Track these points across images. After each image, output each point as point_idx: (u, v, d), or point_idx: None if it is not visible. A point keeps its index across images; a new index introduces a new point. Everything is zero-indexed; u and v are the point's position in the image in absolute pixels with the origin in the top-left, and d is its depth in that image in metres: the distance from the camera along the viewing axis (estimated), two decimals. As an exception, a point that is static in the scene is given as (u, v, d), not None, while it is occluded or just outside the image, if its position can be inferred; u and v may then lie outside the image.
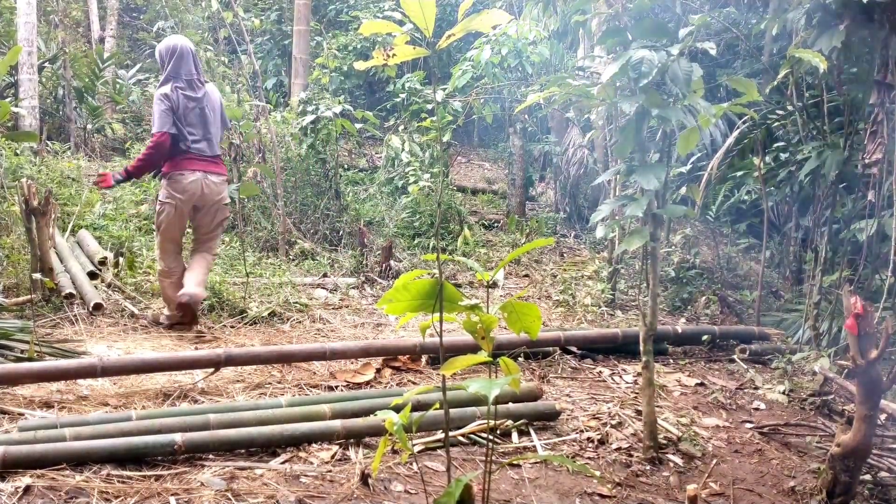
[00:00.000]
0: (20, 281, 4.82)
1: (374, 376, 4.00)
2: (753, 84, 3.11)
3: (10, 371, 3.30)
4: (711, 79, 7.93)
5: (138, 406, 3.38)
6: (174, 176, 4.52)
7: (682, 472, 3.23)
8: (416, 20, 2.04)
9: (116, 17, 13.08)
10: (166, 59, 4.51)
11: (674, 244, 6.63)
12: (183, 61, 4.50)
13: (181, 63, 4.50)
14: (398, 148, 8.37)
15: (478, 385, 1.99)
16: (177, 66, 4.49)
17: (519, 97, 8.23)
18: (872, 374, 2.79)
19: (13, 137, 7.02)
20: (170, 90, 4.44)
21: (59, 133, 9.83)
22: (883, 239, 4.70)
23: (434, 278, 2.19)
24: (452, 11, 10.91)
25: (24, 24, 8.52)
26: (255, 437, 2.97)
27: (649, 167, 3.08)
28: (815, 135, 5.26)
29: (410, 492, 2.79)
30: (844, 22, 4.27)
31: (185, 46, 4.53)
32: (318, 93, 7.70)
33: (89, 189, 7.02)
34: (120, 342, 4.28)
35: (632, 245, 3.12)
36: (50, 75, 10.10)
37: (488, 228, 8.81)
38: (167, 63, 4.50)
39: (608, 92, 3.14)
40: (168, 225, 4.60)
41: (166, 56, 4.51)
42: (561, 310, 5.85)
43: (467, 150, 13.05)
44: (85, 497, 2.48)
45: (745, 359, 4.78)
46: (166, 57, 4.51)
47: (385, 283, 6.21)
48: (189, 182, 4.52)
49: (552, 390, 4.01)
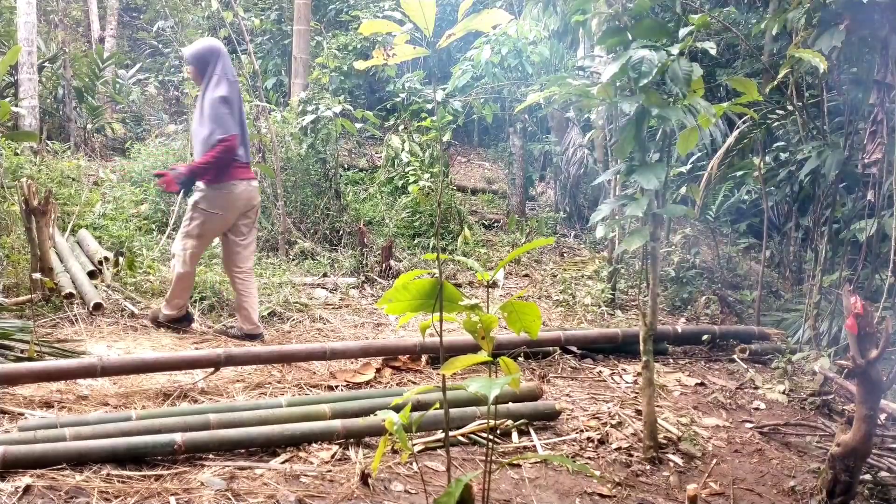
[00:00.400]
0: (20, 281, 4.82)
1: (374, 376, 4.00)
2: (753, 84, 3.11)
3: (10, 371, 3.30)
4: (711, 79, 7.94)
5: (138, 406, 3.38)
6: (226, 186, 4.35)
7: (682, 472, 3.23)
8: (416, 20, 2.04)
9: (116, 16, 13.09)
10: (211, 60, 4.34)
11: (674, 244, 6.63)
12: (228, 61, 4.40)
13: (228, 63, 4.38)
14: (398, 148, 8.37)
15: (478, 385, 1.99)
16: (224, 66, 4.35)
17: (519, 97, 8.22)
18: (872, 374, 2.79)
19: (13, 137, 7.02)
20: (227, 91, 4.29)
21: (59, 133, 9.84)
22: (883, 239, 4.70)
23: (434, 278, 2.19)
24: (452, 11, 10.91)
25: (24, 24, 8.53)
26: (255, 437, 2.97)
27: (649, 167, 3.08)
28: (815, 135, 5.26)
29: (410, 492, 2.79)
30: (844, 22, 4.27)
31: (223, 47, 4.44)
32: (318, 92, 7.70)
33: (89, 189, 7.02)
34: (120, 342, 4.28)
35: (632, 245, 3.12)
36: (50, 75, 10.11)
37: (488, 228, 8.81)
38: (215, 64, 4.33)
39: (608, 92, 3.14)
40: (210, 235, 4.49)
41: (211, 57, 4.34)
42: (561, 309, 5.85)
43: (467, 150, 13.05)
44: (85, 497, 2.48)
45: (745, 359, 4.78)
46: (211, 58, 4.34)
47: (385, 283, 6.21)
48: (239, 192, 4.39)
49: (552, 390, 4.01)
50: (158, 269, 5.65)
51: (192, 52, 4.39)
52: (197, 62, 4.36)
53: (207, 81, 4.34)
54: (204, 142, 4.30)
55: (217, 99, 4.28)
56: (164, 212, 6.99)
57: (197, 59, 4.37)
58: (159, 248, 6.19)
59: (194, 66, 4.38)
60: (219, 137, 4.25)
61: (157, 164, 7.43)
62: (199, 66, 4.36)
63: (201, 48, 4.39)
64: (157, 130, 9.50)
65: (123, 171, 8.10)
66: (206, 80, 4.34)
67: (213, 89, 4.31)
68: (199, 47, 4.40)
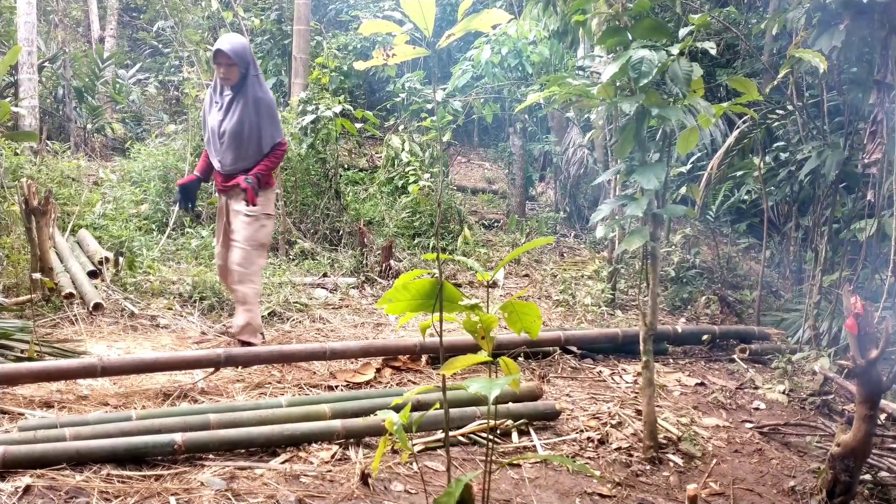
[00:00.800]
0: (20, 281, 4.82)
1: (374, 376, 4.00)
2: (753, 84, 3.11)
3: (10, 371, 3.30)
4: (711, 79, 7.94)
5: (138, 406, 3.38)
6: (274, 189, 4.30)
7: (682, 472, 3.23)
8: (415, 20, 2.04)
9: (116, 16, 13.09)
10: (251, 58, 4.06)
11: (674, 244, 6.63)
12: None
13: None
14: (398, 148, 8.37)
15: (478, 385, 1.99)
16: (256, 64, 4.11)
17: (519, 97, 8.23)
18: (872, 374, 2.79)
19: (13, 137, 7.03)
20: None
21: (59, 133, 9.84)
22: (883, 239, 4.69)
23: (434, 278, 2.19)
24: (452, 11, 10.91)
25: (24, 24, 8.53)
26: (255, 437, 2.97)
27: (649, 167, 3.08)
28: (815, 135, 5.26)
29: (410, 492, 2.79)
30: (844, 22, 4.27)
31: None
32: (317, 92, 7.69)
33: (89, 189, 7.02)
34: (120, 342, 4.28)
35: (632, 245, 3.12)
36: (50, 75, 10.11)
37: (488, 228, 8.81)
38: (255, 62, 4.10)
39: (608, 92, 3.14)
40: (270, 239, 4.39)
41: (250, 56, 4.07)
42: (561, 309, 5.85)
43: (467, 150, 13.05)
44: (85, 497, 2.48)
45: (745, 359, 4.78)
46: (250, 56, 4.06)
47: (385, 283, 6.21)
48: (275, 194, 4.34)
49: (552, 390, 4.01)
50: (158, 269, 5.65)
51: (234, 49, 3.98)
52: (240, 59, 3.99)
53: (251, 80, 4.05)
54: (256, 143, 4.09)
55: (272, 100, 4.11)
56: (163, 212, 6.99)
57: (240, 56, 3.99)
58: (159, 249, 6.19)
59: (238, 63, 3.99)
60: (279, 140, 4.15)
61: (157, 164, 7.44)
62: (241, 64, 4.01)
63: (242, 45, 4.04)
64: (157, 130, 9.49)
65: (123, 171, 8.09)
66: (248, 78, 4.05)
67: (260, 89, 4.08)
68: (239, 43, 4.03)
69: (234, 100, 4.06)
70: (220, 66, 4.03)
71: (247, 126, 4.05)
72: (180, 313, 4.99)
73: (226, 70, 4.02)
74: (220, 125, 4.10)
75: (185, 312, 4.99)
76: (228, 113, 4.07)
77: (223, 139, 4.11)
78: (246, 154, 4.10)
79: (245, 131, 4.06)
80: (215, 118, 4.13)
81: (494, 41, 7.83)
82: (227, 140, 4.09)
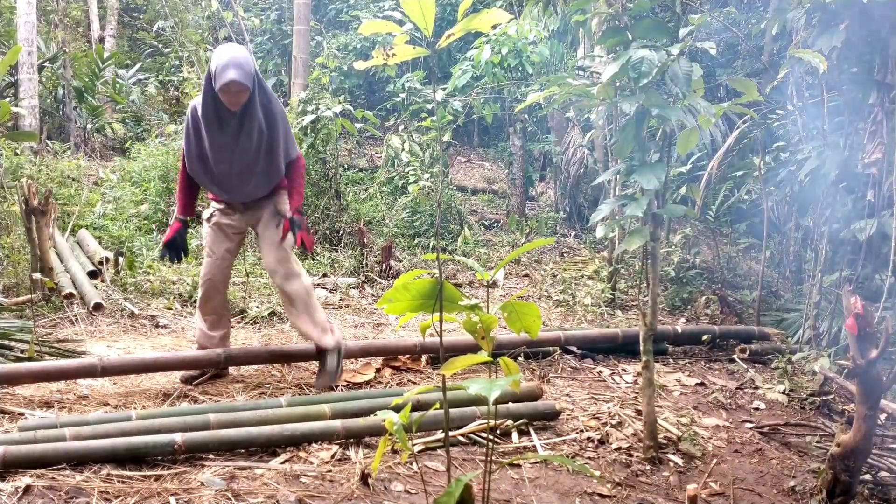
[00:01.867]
0: (20, 281, 4.82)
1: (374, 376, 4.00)
2: (753, 84, 3.11)
3: (10, 371, 3.30)
4: (711, 79, 7.94)
5: (138, 406, 3.38)
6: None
7: (682, 472, 3.23)
8: (416, 20, 2.04)
9: (116, 16, 13.08)
10: (256, 69, 3.43)
11: (674, 244, 6.63)
12: None
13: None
14: (398, 148, 8.38)
15: (478, 386, 1.98)
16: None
17: (519, 97, 8.23)
18: (872, 374, 2.79)
19: (13, 137, 7.03)
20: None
21: (59, 133, 9.85)
22: (883, 239, 4.69)
23: (434, 278, 2.19)
24: (452, 11, 10.91)
25: (23, 24, 8.53)
26: (255, 437, 2.97)
27: (649, 167, 3.08)
28: (815, 135, 5.26)
29: (410, 492, 2.79)
30: (844, 22, 4.27)
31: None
32: (318, 92, 7.69)
33: (89, 189, 7.03)
34: (120, 342, 4.28)
35: (632, 245, 3.12)
36: (50, 75, 10.11)
37: (488, 228, 8.82)
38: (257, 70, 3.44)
39: (608, 92, 3.14)
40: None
41: (256, 67, 3.44)
42: (561, 310, 5.85)
43: (467, 150, 13.06)
44: (85, 497, 2.48)
45: (745, 359, 4.78)
46: (256, 68, 3.44)
47: (385, 283, 6.21)
48: None
49: (552, 390, 4.01)
50: (158, 269, 5.65)
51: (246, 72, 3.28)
52: (250, 80, 3.31)
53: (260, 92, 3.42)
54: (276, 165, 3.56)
55: (282, 109, 3.56)
56: (163, 212, 6.98)
57: (251, 76, 3.32)
58: (159, 249, 6.19)
59: (250, 85, 3.31)
60: (300, 154, 3.69)
61: (158, 164, 7.43)
62: (250, 84, 3.31)
63: (248, 62, 3.34)
64: (157, 130, 9.49)
65: (123, 171, 8.09)
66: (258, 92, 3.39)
67: (273, 100, 3.51)
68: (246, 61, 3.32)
69: (243, 122, 3.41)
70: (228, 94, 3.30)
71: (263, 148, 3.48)
72: (180, 313, 4.99)
73: (237, 97, 3.33)
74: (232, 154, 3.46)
75: (185, 312, 5.00)
76: (239, 139, 3.43)
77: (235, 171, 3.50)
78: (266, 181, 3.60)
79: (262, 156, 3.49)
80: (218, 146, 3.46)
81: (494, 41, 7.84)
82: (243, 171, 3.51)
